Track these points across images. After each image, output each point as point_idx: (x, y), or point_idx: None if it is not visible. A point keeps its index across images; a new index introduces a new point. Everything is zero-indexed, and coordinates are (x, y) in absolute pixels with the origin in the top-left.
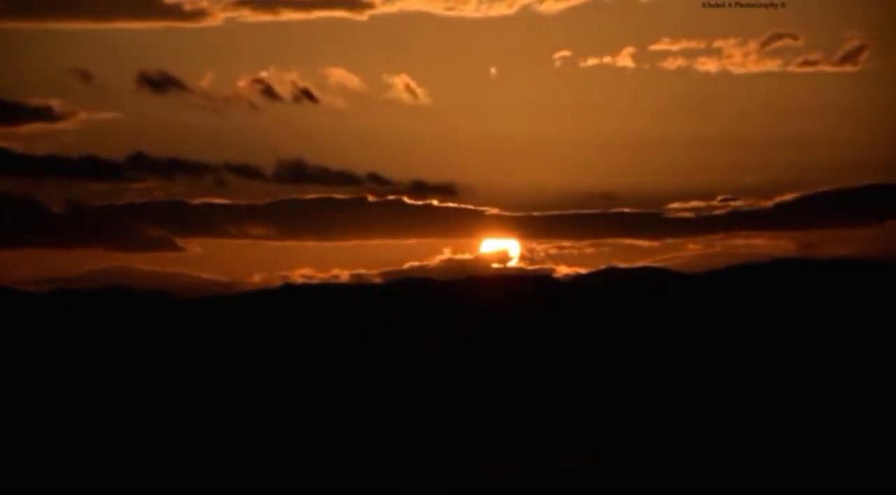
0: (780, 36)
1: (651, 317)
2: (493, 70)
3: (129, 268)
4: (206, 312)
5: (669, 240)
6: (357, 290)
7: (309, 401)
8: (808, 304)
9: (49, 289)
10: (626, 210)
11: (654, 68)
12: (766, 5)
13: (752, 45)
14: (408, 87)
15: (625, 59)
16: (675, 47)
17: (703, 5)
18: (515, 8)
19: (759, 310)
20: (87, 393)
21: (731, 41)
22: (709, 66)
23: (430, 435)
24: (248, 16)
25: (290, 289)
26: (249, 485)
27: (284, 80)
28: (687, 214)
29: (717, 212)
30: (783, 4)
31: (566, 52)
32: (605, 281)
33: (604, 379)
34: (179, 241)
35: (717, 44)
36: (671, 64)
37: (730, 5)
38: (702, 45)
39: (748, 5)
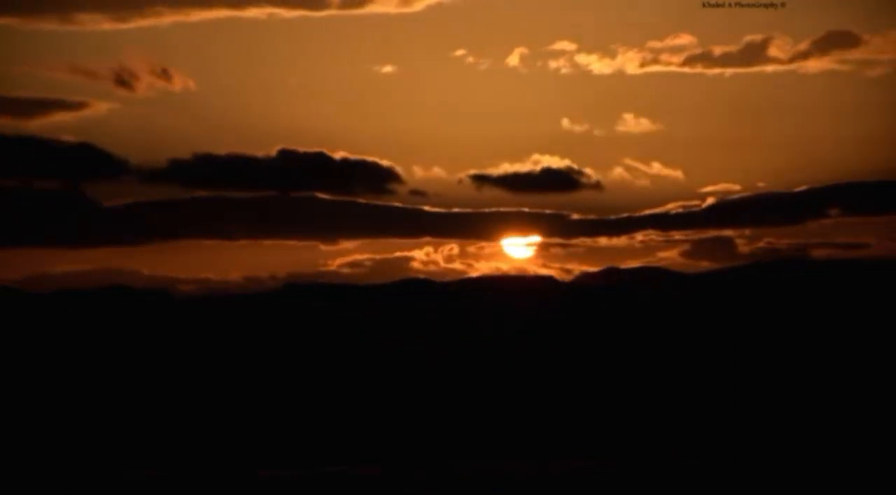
0: (682, 34)
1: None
2: (386, 68)
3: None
4: (207, 312)
5: (575, 239)
6: (349, 290)
7: (308, 401)
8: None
9: (49, 288)
10: (531, 210)
11: (546, 68)
12: (766, 5)
13: (654, 44)
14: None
15: (515, 59)
16: (571, 47)
17: (703, 5)
18: (416, 5)
19: (755, 310)
20: (86, 394)
21: (631, 42)
22: (608, 68)
23: (429, 435)
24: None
25: (292, 287)
26: (249, 485)
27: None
28: (591, 216)
29: (645, 212)
30: (783, 4)
31: (461, 51)
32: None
33: (601, 380)
34: None
35: (613, 45)
36: (565, 64)
37: (730, 5)
38: (605, 46)
39: (748, 5)
